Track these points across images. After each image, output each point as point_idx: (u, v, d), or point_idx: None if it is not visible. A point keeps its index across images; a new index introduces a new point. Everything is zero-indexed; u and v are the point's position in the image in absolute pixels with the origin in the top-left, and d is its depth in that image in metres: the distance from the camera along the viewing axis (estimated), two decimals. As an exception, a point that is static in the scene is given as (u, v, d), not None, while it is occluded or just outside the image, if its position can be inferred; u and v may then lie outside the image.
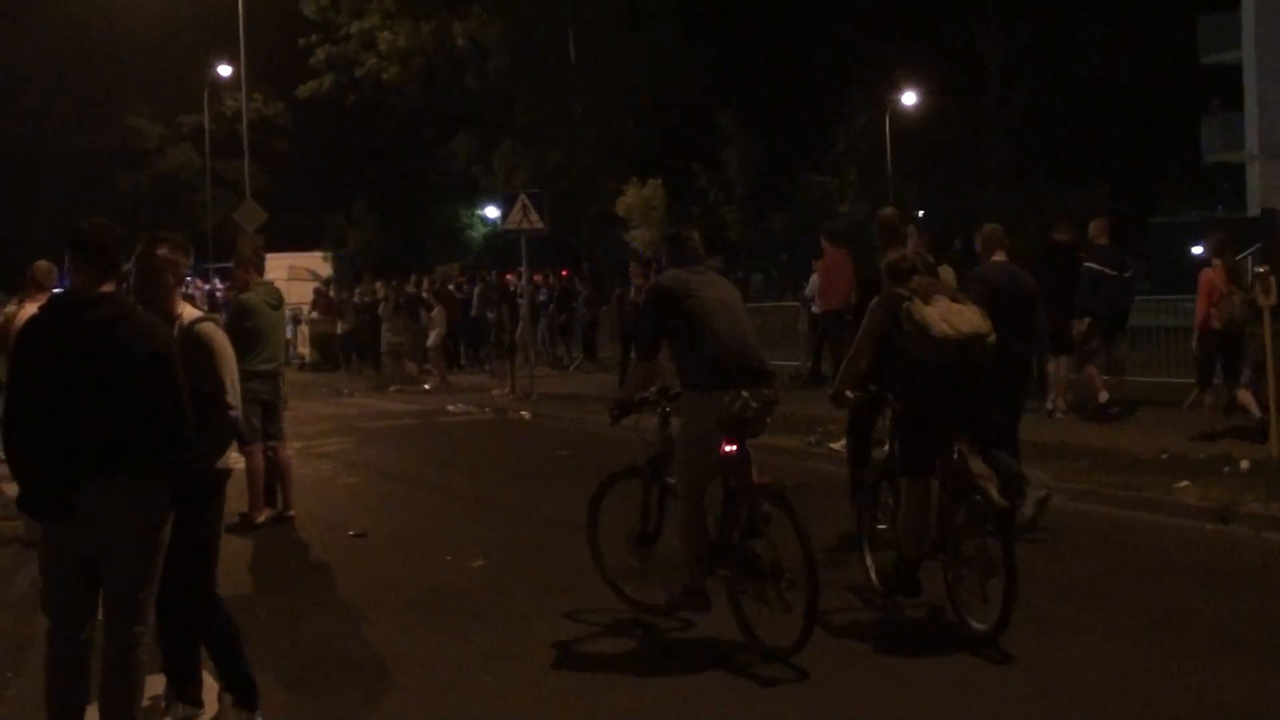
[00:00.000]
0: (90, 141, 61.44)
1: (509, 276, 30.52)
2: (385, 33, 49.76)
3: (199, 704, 6.16)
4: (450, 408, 21.12)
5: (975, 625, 7.41)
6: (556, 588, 9.13)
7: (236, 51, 39.86)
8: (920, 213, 58.19)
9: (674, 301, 7.64)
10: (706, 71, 52.46)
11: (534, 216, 23.49)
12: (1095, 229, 16.03)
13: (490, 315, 25.18)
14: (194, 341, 5.99)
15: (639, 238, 51.69)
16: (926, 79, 57.67)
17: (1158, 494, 11.13)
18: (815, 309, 20.81)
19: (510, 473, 14.25)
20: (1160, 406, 16.15)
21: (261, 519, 11.28)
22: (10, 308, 12.75)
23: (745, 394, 7.37)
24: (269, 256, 19.27)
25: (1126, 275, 15.97)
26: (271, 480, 11.49)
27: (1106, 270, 15.44)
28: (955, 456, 7.77)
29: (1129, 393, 16.69)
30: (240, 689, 6.17)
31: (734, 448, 7.39)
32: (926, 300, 7.72)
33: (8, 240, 52.40)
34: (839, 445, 14.03)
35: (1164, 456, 12.55)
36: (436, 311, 25.44)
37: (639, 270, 22.81)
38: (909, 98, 58.29)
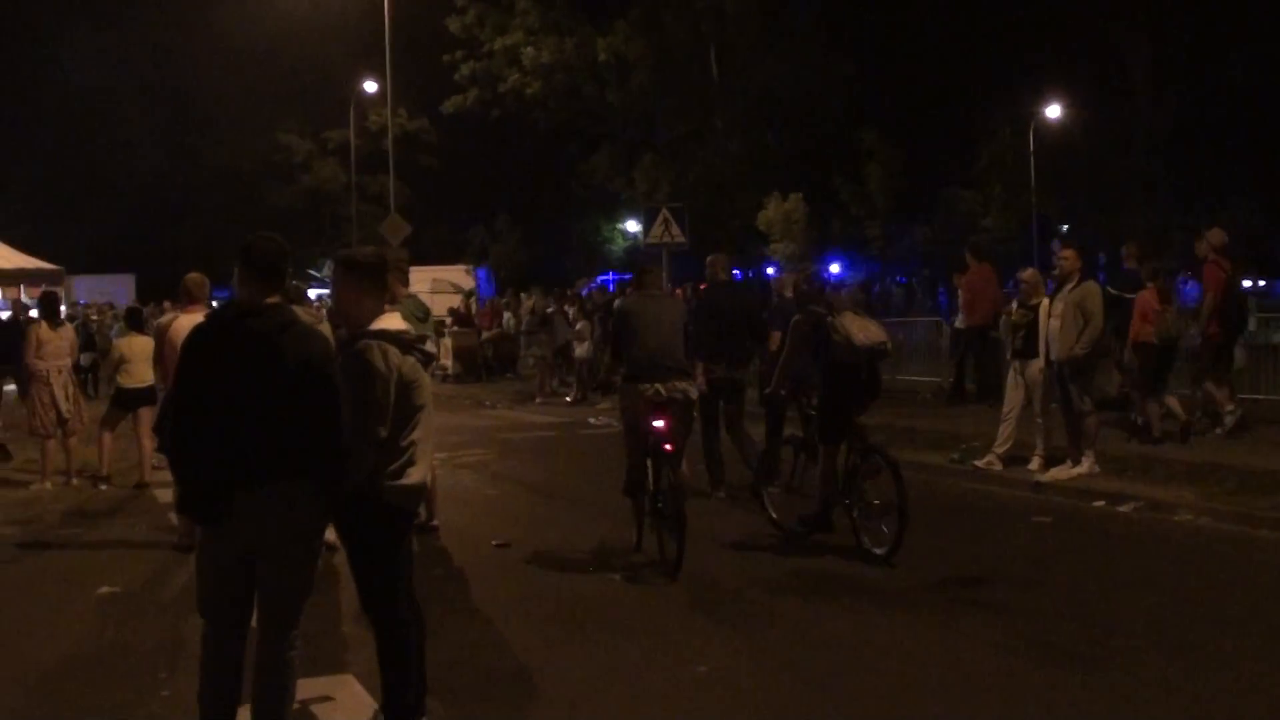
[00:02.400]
0: (241, 157, 62.82)
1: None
2: (529, 48, 50.21)
3: None
4: (591, 420, 21.18)
5: (875, 551, 10.11)
6: (699, 601, 9.13)
7: (383, 68, 40.44)
8: (1064, 227, 57.32)
9: (623, 319, 11.02)
10: (848, 85, 52.15)
11: (675, 230, 23.55)
12: (1126, 252, 17.41)
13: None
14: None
15: (780, 251, 51.51)
16: (1071, 91, 56.63)
17: None
18: (958, 324, 20.56)
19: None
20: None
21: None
22: (165, 318, 13.08)
23: (658, 385, 10.42)
24: (412, 270, 19.52)
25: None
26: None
27: (1125, 294, 16.05)
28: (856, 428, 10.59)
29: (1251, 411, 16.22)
30: (395, 711, 6.16)
31: (660, 423, 10.24)
32: (849, 317, 10.44)
33: (164, 253, 53.68)
34: (983, 462, 13.98)
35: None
36: (582, 325, 25.53)
37: (788, 282, 22.24)
38: (1053, 110, 57.33)
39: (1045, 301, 13.62)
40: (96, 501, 14.27)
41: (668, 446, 10.20)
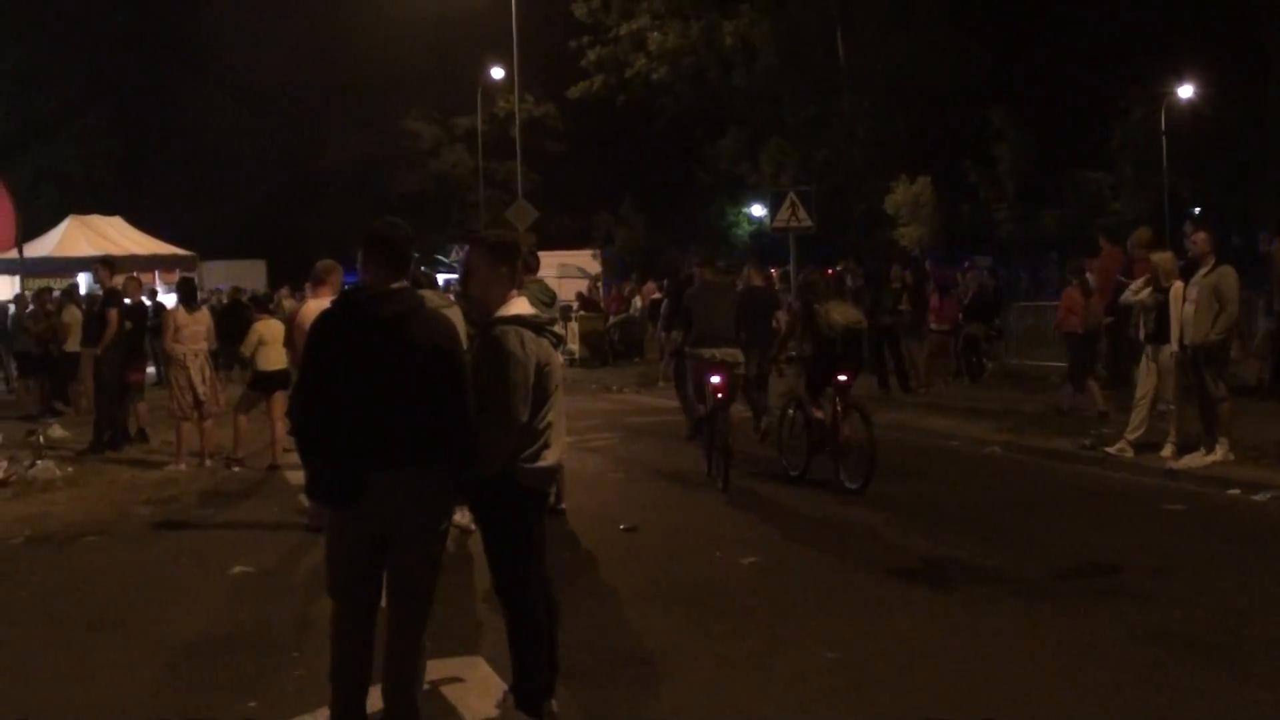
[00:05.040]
0: (369, 144, 63.55)
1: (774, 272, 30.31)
2: (655, 33, 50.03)
3: (537, 714, 6.18)
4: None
5: (850, 485, 12.63)
6: (828, 587, 9.06)
7: (509, 54, 40.60)
8: (1196, 209, 56.05)
9: (690, 301, 14.67)
10: (977, 66, 51.34)
11: (802, 214, 23.40)
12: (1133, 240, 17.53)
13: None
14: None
15: (908, 235, 51.02)
16: (1204, 70, 55.30)
17: None
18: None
19: (774, 471, 14.15)
20: None
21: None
22: (295, 303, 13.24)
23: (714, 351, 13.76)
24: (540, 255, 19.58)
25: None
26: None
27: (1124, 280, 16.36)
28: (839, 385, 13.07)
29: None
30: (525, 692, 6.17)
31: (717, 378, 13.29)
32: (830, 304, 13.20)
33: (294, 239, 54.49)
34: (1115, 449, 13.73)
35: None
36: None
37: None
38: (1185, 90, 56.05)
39: (1178, 285, 13.31)
40: (230, 483, 14.50)
41: (720, 395, 13.30)
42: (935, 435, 16.63)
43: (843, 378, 13.03)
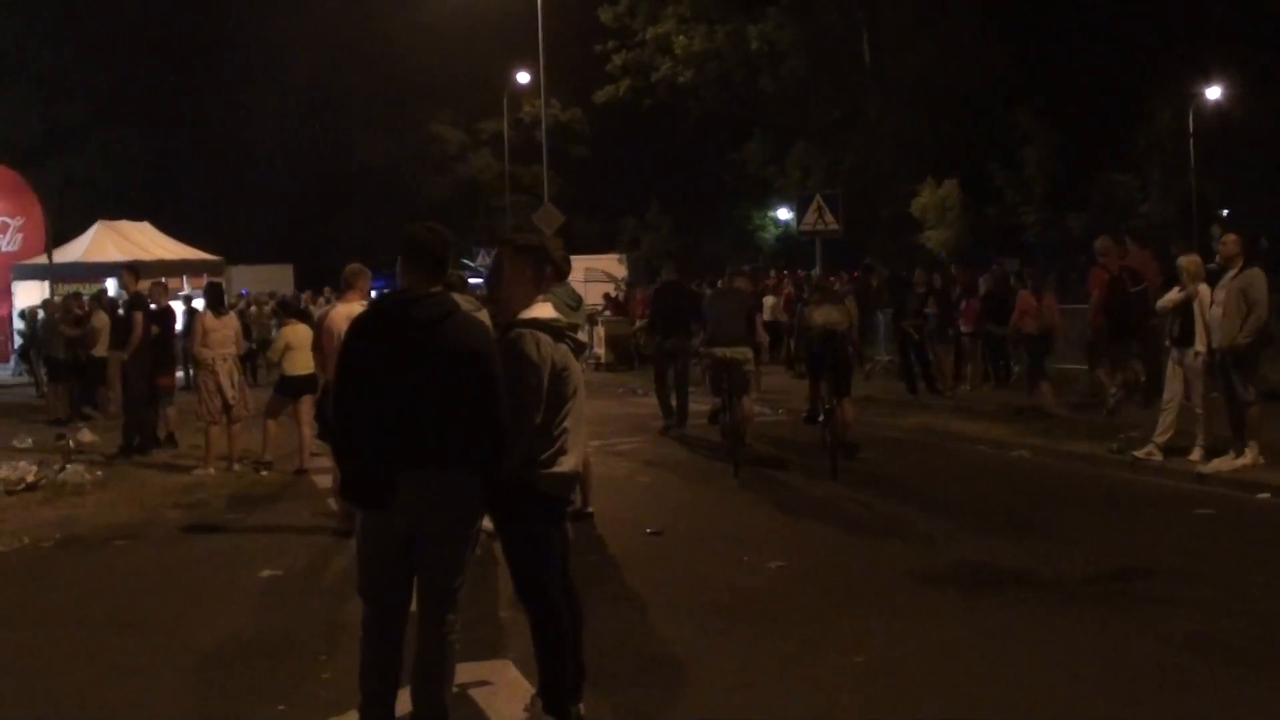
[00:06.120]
0: (395, 149, 63.74)
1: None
2: (681, 37, 50.12)
3: (564, 717, 6.18)
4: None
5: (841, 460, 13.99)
6: (856, 592, 9.05)
7: (535, 59, 40.65)
8: (1225, 212, 55.73)
9: (706, 306, 16.94)
10: (1004, 68, 51.23)
11: (829, 218, 23.38)
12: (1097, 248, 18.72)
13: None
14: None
15: (934, 239, 50.88)
16: (1232, 71, 54.97)
17: None
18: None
19: (806, 474, 14.15)
20: None
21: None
22: (325, 308, 13.30)
23: (725, 349, 15.38)
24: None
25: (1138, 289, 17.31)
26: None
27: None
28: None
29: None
30: (552, 696, 6.16)
31: (727, 372, 15.18)
32: (813, 307, 15.15)
33: (322, 244, 54.68)
34: (1143, 453, 13.67)
35: None
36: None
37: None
38: (1213, 91, 55.72)
39: (1204, 288, 13.24)
40: (258, 486, 14.56)
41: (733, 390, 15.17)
42: (963, 439, 16.59)
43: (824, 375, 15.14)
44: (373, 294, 11.48)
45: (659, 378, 18.86)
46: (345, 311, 10.92)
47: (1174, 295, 13.79)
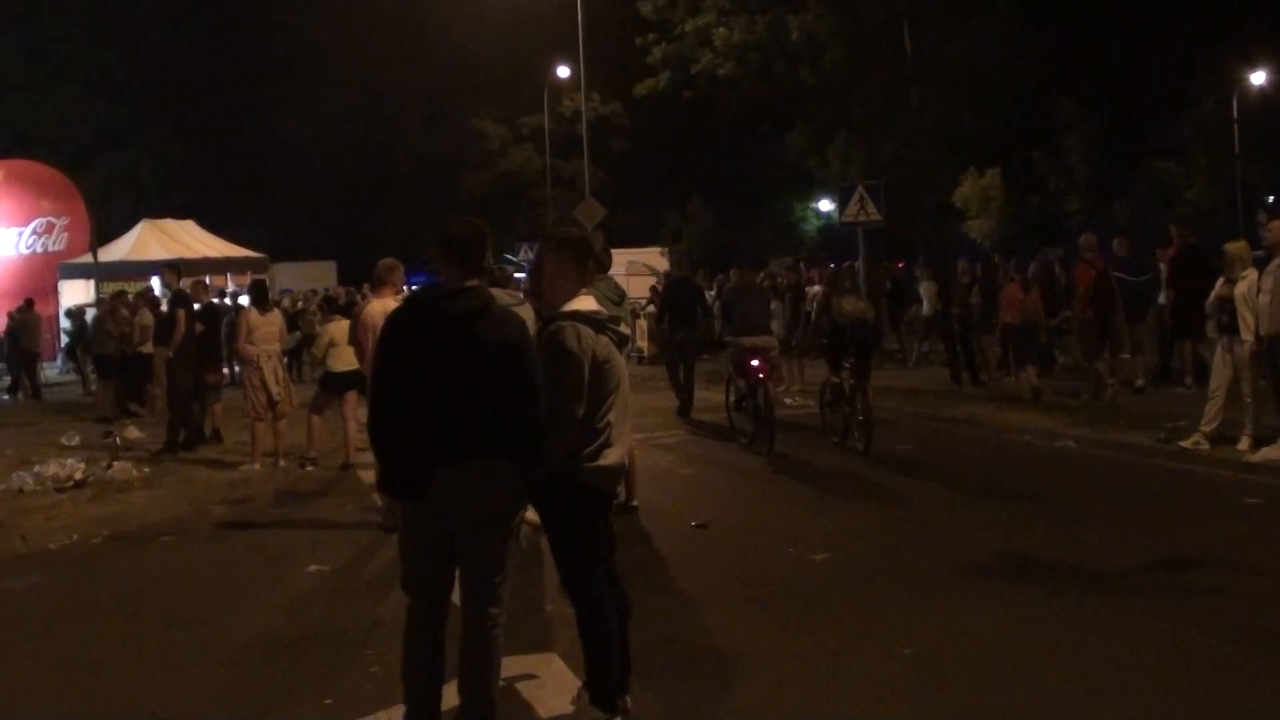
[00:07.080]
0: (436, 144, 63.93)
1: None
2: (721, 29, 49.90)
3: (611, 710, 6.18)
4: (788, 401, 21.01)
5: (858, 446, 15.01)
6: (902, 583, 8.99)
7: (575, 53, 40.73)
8: (1270, 198, 55.21)
9: (730, 298, 17.28)
10: (1047, 56, 50.84)
11: (871, 208, 23.30)
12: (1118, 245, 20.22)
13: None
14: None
15: (977, 228, 50.60)
16: (1277, 56, 54.38)
17: None
18: (1161, 300, 19.90)
19: (845, 467, 14.10)
20: None
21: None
22: (361, 304, 13.36)
23: (752, 339, 16.01)
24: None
25: (1143, 279, 19.55)
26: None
27: (1126, 276, 19.07)
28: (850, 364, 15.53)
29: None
30: (599, 689, 6.15)
31: (755, 361, 15.67)
32: (843, 297, 15.56)
33: (365, 241, 54.89)
34: (1190, 442, 13.56)
35: None
36: (775, 305, 25.30)
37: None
38: (1258, 77, 55.18)
39: (1252, 275, 13.09)
40: (304, 482, 14.62)
41: (761, 375, 15.74)
42: (1008, 429, 16.48)
43: (849, 360, 15.60)
44: (406, 289, 11.51)
45: (671, 366, 20.57)
46: (380, 307, 10.98)
47: (1221, 289, 13.68)
